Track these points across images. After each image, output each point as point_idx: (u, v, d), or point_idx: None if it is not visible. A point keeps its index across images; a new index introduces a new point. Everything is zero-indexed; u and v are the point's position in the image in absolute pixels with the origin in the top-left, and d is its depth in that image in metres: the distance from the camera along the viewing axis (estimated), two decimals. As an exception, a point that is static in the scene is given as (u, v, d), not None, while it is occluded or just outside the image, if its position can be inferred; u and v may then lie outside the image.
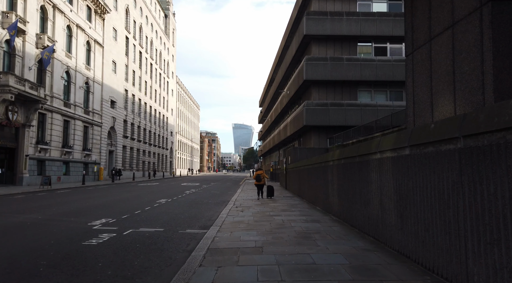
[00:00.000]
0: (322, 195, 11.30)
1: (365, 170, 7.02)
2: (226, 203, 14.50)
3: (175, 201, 15.26)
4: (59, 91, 30.25)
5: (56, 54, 29.62)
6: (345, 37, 29.61)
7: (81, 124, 34.12)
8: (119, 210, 11.69)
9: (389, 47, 30.08)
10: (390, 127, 17.87)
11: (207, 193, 20.30)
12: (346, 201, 8.42)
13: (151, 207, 12.69)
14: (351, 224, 8.04)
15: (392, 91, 29.88)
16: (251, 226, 8.27)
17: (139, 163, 52.71)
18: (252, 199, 15.51)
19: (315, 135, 29.89)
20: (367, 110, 28.47)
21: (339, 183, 9.11)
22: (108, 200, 15.07)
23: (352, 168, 7.89)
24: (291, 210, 11.36)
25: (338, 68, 28.56)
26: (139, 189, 23.26)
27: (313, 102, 28.70)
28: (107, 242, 6.70)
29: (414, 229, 4.84)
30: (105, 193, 19.32)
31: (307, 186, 14.45)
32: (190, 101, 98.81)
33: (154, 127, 60.31)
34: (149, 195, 18.35)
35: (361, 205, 7.28)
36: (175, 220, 9.62)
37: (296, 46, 32.83)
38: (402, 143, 5.24)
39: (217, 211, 11.89)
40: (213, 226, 8.29)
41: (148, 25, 57.35)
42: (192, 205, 13.57)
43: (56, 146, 29.91)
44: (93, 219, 9.44)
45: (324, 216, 9.96)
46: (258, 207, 12.40)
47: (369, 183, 6.79)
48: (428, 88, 6.37)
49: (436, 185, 4.24)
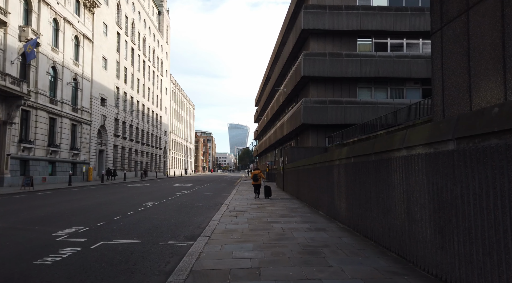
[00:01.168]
0: (326, 199, 10.06)
1: (384, 170, 5.78)
2: (219, 206, 13.23)
3: (162, 204, 13.94)
4: (44, 87, 28.74)
5: (42, 48, 28.12)
6: (344, 32, 28.44)
7: (68, 122, 32.61)
8: (97, 215, 10.35)
9: (389, 43, 28.96)
10: (395, 125, 16.70)
11: (199, 195, 18.99)
12: (357, 207, 7.18)
13: (134, 211, 11.36)
14: (364, 235, 6.79)
15: (393, 88, 28.78)
16: (246, 236, 7.00)
17: (131, 163, 51.18)
18: (248, 202, 14.25)
19: (313, 134, 28.69)
20: (367, 108, 27.34)
21: (347, 186, 7.87)
22: (88, 204, 13.71)
23: (366, 168, 6.66)
24: (291, 216, 10.10)
25: (337, 64, 27.39)
26: (127, 191, 21.89)
27: (311, 99, 27.52)
28: (65, 260, 5.39)
29: (465, 251, 3.59)
30: (89, 195, 17.94)
31: (308, 188, 13.21)
32: (185, 100, 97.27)
33: (147, 126, 58.80)
34: (136, 197, 17.00)
35: (378, 212, 6.04)
36: (158, 229, 8.33)
37: (293, 41, 31.61)
38: (443, 135, 4.00)
39: (208, 216, 10.61)
40: (201, 237, 7.01)
41: (141, 21, 55.82)
42: (181, 209, 12.26)
43: (41, 145, 28.40)
44: (62, 228, 8.11)
45: (330, 223, 8.71)
46: (254, 211, 11.14)
47: (389, 186, 5.56)
48: (464, 70, 5.17)
49: (507, 193, 3.00)
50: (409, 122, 15.08)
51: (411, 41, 28.98)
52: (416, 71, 27.48)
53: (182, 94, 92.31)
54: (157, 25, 67.24)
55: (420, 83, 28.61)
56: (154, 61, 63.61)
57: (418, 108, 15.02)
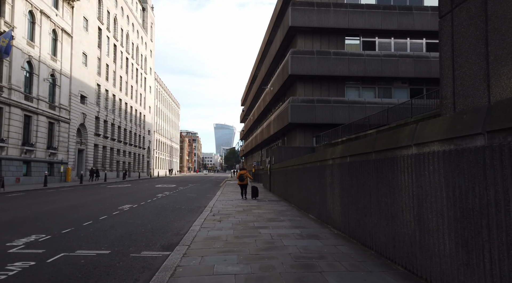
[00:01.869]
0: (318, 201, 9.35)
1: (387, 171, 5.08)
2: (202, 209, 12.37)
3: (141, 207, 12.98)
4: (18, 83, 27.21)
5: (16, 41, 26.59)
6: (332, 30, 27.96)
7: (45, 120, 31.06)
8: (65, 220, 9.36)
9: (377, 42, 28.64)
10: (386, 124, 16.18)
11: (182, 197, 18.05)
12: (354, 212, 6.47)
13: (108, 215, 10.39)
14: (362, 243, 6.09)
15: (381, 87, 28.45)
16: (231, 245, 6.20)
17: (112, 163, 49.57)
18: (233, 204, 13.43)
19: (301, 134, 28.07)
20: (355, 107, 26.90)
21: (342, 188, 7.16)
22: (59, 207, 12.63)
23: (364, 169, 5.95)
24: (279, 220, 9.35)
25: (325, 62, 26.86)
26: (105, 192, 20.75)
27: (298, 98, 26.89)
28: (10, 280, 4.48)
29: (501, 271, 2.89)
30: (62, 197, 16.77)
31: (297, 190, 12.49)
32: (170, 99, 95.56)
33: (130, 125, 57.18)
34: (114, 199, 15.94)
35: (379, 218, 5.34)
36: (132, 236, 7.43)
37: (280, 39, 30.96)
38: (469, 128, 3.30)
39: (189, 220, 9.75)
40: (179, 246, 6.17)
41: (124, 17, 54.22)
42: (161, 213, 11.35)
43: (15, 143, 26.86)
44: (20, 236, 7.13)
45: (322, 228, 7.99)
46: (240, 215, 10.33)
47: (395, 189, 4.86)
48: (480, 56, 4.52)
49: None
50: (400, 121, 14.56)
51: (399, 40, 28.73)
52: (403, 71, 27.20)
53: (167, 93, 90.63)
54: (141, 21, 65.62)
55: (408, 82, 28.37)
56: (138, 58, 62.01)
57: (410, 106, 14.51)
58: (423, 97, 15.79)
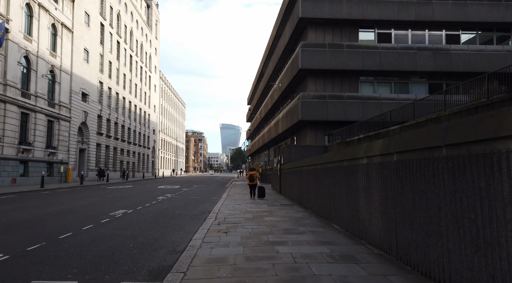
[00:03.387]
0: (345, 209, 7.68)
1: (477, 174, 3.42)
2: (206, 215, 10.79)
3: (137, 212, 11.41)
4: (15, 79, 25.88)
5: (12, 35, 25.27)
6: (345, 22, 26.24)
7: (44, 118, 29.74)
8: (38, 232, 7.81)
9: (394, 34, 26.86)
10: (412, 119, 14.43)
11: (185, 200, 16.48)
12: (408, 228, 4.81)
13: (94, 225, 8.83)
14: (424, 273, 4.41)
15: (397, 82, 26.63)
16: (240, 273, 4.58)
17: (116, 163, 48.25)
18: (241, 209, 11.81)
19: (312, 132, 26.35)
20: (370, 103, 25.14)
21: (386, 194, 5.50)
22: (41, 213, 11.09)
23: (426, 170, 4.29)
24: (298, 231, 7.70)
25: (337, 55, 25.15)
26: (102, 194, 19.26)
27: (309, 94, 25.19)
28: None
29: None
30: (52, 200, 15.29)
31: (315, 193, 10.82)
32: (175, 98, 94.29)
33: (134, 124, 55.87)
34: (108, 203, 14.40)
35: (460, 242, 3.67)
36: (115, 255, 5.85)
37: (289, 32, 29.29)
38: None
39: (189, 231, 8.16)
40: (171, 274, 4.57)
41: (128, 13, 52.91)
42: (157, 220, 9.77)
43: (11, 142, 25.54)
44: (-30, 256, 5.57)
45: (356, 245, 6.31)
46: (250, 223, 8.71)
47: (492, 201, 3.19)
48: None
49: None
50: (431, 114, 12.81)
51: (417, 32, 26.92)
52: (422, 65, 25.37)
53: (172, 92, 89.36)
54: (145, 19, 64.34)
55: (426, 77, 26.53)
56: (142, 56, 60.72)
57: (443, 99, 12.71)
58: (454, 90, 13.99)
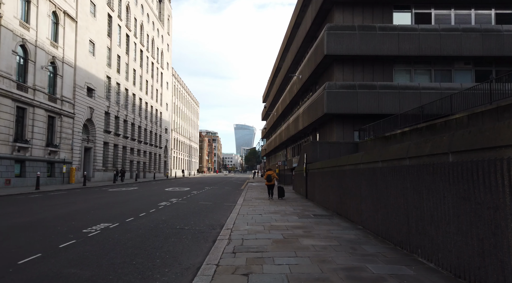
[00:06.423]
0: (453, 238, 4.49)
1: None
2: (217, 232, 7.78)
3: (121, 228, 8.45)
4: (9, 69, 23.51)
5: (4, 20, 22.89)
6: (377, 1, 22.89)
7: (44, 114, 27.36)
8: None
9: (434, 14, 23.32)
10: (470, 108, 11.03)
11: (191, 207, 13.51)
12: None
13: (43, 253, 5.87)
14: None
15: (438, 70, 23.06)
16: None
17: (125, 162, 45.89)
18: (264, 222, 8.73)
19: (338, 127, 23.05)
20: (407, 93, 21.69)
21: None
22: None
23: None
24: (366, 270, 4.56)
25: (369, 39, 21.81)
26: (96, 199, 16.48)
27: (336, 83, 21.92)
28: None
29: None
30: (25, 209, 12.52)
31: (370, 205, 7.62)
32: (188, 97, 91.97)
33: (145, 123, 53.52)
34: (94, 211, 11.52)
35: None
36: None
37: (312, 16, 26.09)
38: None
39: (186, 267, 5.13)
40: None
41: (138, 6, 50.57)
42: (143, 245, 6.78)
43: (4, 139, 23.17)
44: None
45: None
46: (281, 252, 5.62)
47: None
48: None
49: None
50: (508, 98, 9.43)
51: (461, 11, 23.31)
52: (468, 49, 21.76)
53: (185, 90, 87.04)
54: (157, 13, 62.03)
55: (472, 63, 22.86)
56: (154, 51, 58.37)
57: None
58: None
